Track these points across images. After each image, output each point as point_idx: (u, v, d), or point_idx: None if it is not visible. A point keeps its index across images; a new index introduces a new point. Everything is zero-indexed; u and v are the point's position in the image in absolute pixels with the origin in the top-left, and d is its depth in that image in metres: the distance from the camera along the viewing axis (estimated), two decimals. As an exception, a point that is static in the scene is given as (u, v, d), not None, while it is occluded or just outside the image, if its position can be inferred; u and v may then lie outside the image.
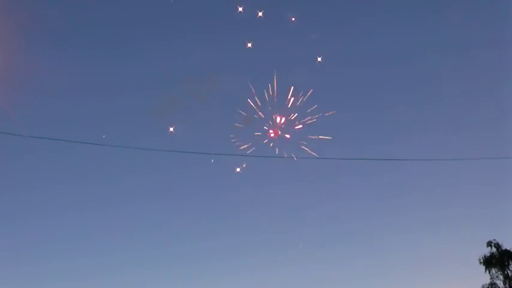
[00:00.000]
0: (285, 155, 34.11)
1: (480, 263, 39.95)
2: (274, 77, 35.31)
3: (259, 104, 35.09)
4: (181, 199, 58.19)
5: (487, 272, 39.78)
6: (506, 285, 39.42)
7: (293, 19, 39.25)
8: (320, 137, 35.35)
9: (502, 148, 57.09)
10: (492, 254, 39.64)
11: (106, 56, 58.35)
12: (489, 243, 39.83)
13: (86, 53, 55.47)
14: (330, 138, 35.88)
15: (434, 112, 66.90)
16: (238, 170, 36.07)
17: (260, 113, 35.09)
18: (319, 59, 39.23)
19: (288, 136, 34.95)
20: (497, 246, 39.70)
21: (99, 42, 55.95)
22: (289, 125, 35.09)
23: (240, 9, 37.51)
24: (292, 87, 35.53)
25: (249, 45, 37.21)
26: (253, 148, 34.58)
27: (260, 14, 37.29)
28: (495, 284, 39.66)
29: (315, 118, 35.65)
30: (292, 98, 35.13)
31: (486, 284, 39.72)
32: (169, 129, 37.74)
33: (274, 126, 34.93)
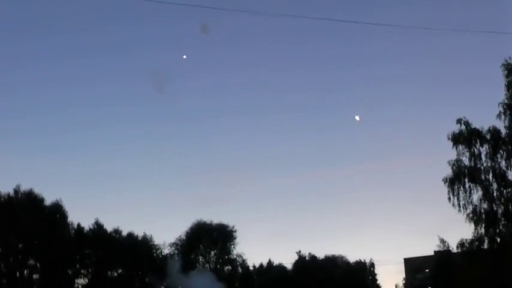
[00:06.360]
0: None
1: (448, 139, 39.93)
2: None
3: None
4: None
5: (454, 148, 39.81)
6: (471, 162, 39.51)
7: None
8: None
9: (495, 23, 55.47)
10: (461, 132, 39.50)
11: None
12: (459, 121, 39.60)
13: None
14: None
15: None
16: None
17: None
18: None
19: None
20: (467, 124, 39.48)
21: None
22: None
23: None
24: None
25: None
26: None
27: None
28: (461, 160, 39.89)
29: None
30: None
31: (452, 160, 39.85)
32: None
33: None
